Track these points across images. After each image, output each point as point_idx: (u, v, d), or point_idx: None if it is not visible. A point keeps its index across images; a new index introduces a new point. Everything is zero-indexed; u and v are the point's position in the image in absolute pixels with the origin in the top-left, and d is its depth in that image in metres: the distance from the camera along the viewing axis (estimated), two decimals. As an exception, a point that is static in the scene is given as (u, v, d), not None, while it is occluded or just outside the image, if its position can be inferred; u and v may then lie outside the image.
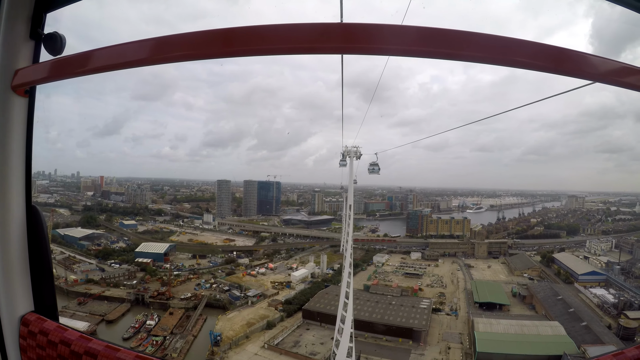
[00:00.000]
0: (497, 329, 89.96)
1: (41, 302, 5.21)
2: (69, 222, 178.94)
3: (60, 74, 4.29)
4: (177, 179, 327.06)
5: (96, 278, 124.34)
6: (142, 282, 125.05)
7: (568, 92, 12.65)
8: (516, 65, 3.12)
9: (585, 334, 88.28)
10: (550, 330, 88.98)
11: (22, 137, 4.91)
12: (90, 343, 4.53)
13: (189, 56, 3.50)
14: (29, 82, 4.59)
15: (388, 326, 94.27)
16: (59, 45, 4.59)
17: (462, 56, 3.10)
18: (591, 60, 3.28)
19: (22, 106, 4.82)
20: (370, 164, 64.22)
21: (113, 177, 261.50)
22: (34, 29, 4.64)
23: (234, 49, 3.22)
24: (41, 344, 4.71)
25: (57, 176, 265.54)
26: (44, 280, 5.21)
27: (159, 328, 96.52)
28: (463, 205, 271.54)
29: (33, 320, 4.91)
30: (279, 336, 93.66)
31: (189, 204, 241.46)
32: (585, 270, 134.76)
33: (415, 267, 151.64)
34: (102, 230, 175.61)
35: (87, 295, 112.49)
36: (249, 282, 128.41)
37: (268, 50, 3.23)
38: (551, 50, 3.11)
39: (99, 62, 3.87)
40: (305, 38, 3.13)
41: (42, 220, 5.17)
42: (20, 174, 4.96)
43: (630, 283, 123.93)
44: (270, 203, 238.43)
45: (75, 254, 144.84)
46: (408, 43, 3.06)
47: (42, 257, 5.16)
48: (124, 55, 3.71)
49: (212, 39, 3.31)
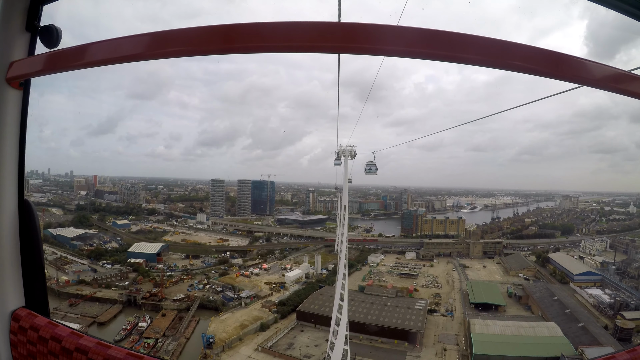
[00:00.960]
0: (493, 330, 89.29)
1: (32, 298, 5.10)
2: (61, 221, 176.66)
3: (56, 67, 4.14)
4: (171, 179, 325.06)
5: (88, 279, 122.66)
6: (134, 283, 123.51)
7: (563, 92, 12.27)
8: (513, 69, 3.06)
9: (582, 335, 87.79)
10: (547, 332, 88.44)
11: (15, 130, 4.80)
12: (82, 339, 4.42)
13: (186, 52, 3.35)
14: (24, 75, 4.48)
15: (383, 328, 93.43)
16: (55, 38, 4.49)
17: (460, 59, 3.04)
18: (587, 66, 3.25)
19: (16, 99, 4.70)
20: (367, 164, 61.59)
21: (107, 177, 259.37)
22: (30, 21, 4.52)
23: (232, 45, 3.19)
24: (32, 340, 4.62)
25: (50, 175, 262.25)
26: (36, 275, 5.11)
27: (151, 330, 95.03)
28: (457, 205, 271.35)
29: (24, 316, 4.82)
30: (273, 338, 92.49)
31: (183, 204, 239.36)
32: (581, 270, 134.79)
33: (410, 268, 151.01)
34: (95, 230, 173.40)
35: (78, 297, 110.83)
36: (242, 282, 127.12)
37: (266, 47, 3.20)
38: (548, 55, 3.10)
39: (95, 55, 3.73)
40: (303, 37, 3.07)
41: (34, 215, 5.06)
42: (13, 167, 4.86)
43: (625, 283, 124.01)
44: (264, 202, 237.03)
45: (67, 254, 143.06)
46: (406, 44, 3.03)
47: (34, 252, 5.05)
48: (120, 49, 3.61)
49: (210, 35, 3.21)
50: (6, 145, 4.69)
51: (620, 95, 3.47)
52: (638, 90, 3.43)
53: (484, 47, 2.98)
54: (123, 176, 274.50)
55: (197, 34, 3.22)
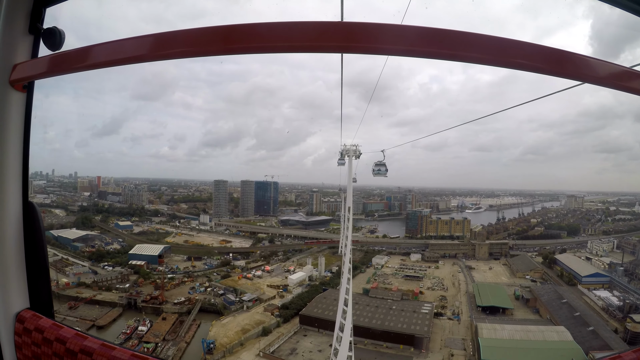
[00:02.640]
0: (501, 334, 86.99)
1: (37, 299, 5.13)
2: (64, 223, 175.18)
3: (59, 69, 4.22)
4: (175, 179, 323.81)
5: (88, 281, 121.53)
6: (135, 285, 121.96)
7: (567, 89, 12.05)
8: (516, 67, 3.14)
9: (592, 340, 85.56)
10: (556, 336, 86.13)
11: (19, 132, 4.84)
12: (86, 341, 4.47)
13: (189, 53, 3.43)
14: (27, 77, 4.52)
15: (388, 332, 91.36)
16: (58, 40, 4.51)
17: (463, 57, 3.12)
18: (591, 63, 3.30)
19: (20, 101, 4.74)
20: (375, 165, 55.42)
21: (111, 178, 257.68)
22: (33, 24, 4.55)
23: (235, 46, 3.24)
24: (36, 341, 4.65)
25: (54, 176, 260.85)
26: (40, 277, 5.14)
27: (151, 334, 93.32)
28: (462, 205, 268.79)
29: (28, 317, 4.86)
30: (275, 343, 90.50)
31: (186, 205, 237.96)
32: (588, 271, 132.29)
33: (415, 269, 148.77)
34: (97, 232, 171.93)
35: (78, 299, 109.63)
36: (244, 285, 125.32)
37: (269, 48, 3.25)
38: (552, 52, 3.14)
39: (98, 57, 3.82)
40: (306, 36, 3.13)
41: (38, 217, 5.10)
42: (17, 170, 4.90)
43: (634, 285, 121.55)
44: (267, 203, 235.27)
45: (68, 256, 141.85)
46: (409, 43, 3.08)
47: (38, 254, 5.09)
48: (123, 51, 3.67)
49: (213, 36, 3.28)
50: (10, 148, 4.71)
51: (624, 92, 3.46)
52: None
53: (487, 45, 3.00)
54: (127, 177, 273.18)
55: (200, 35, 3.24)
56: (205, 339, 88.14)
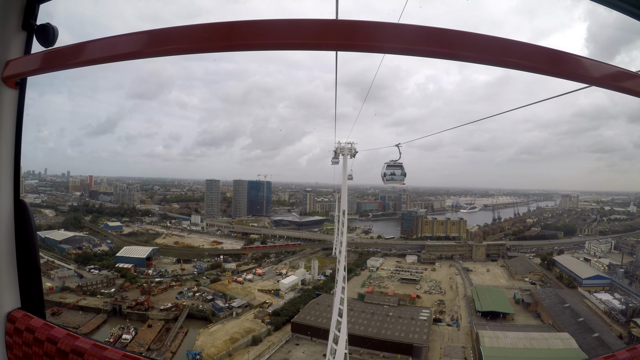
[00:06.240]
0: (504, 342, 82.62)
1: (28, 299, 5.03)
2: (52, 223, 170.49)
3: (53, 65, 4.16)
4: (168, 179, 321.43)
5: (73, 285, 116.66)
6: (120, 290, 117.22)
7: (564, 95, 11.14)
8: (512, 66, 3.18)
9: (598, 347, 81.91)
10: (561, 344, 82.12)
11: (11, 129, 4.77)
12: (77, 341, 4.39)
13: (185, 49, 3.46)
14: (20, 74, 4.49)
15: (385, 341, 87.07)
16: (52, 36, 4.45)
17: (460, 56, 3.15)
18: (587, 64, 3.34)
19: (12, 98, 4.68)
20: (386, 166, 43.89)
21: (104, 177, 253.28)
22: (27, 20, 4.49)
23: (232, 43, 3.25)
24: (27, 342, 4.59)
25: (47, 175, 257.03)
26: (31, 276, 5.06)
27: (135, 343, 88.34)
28: (456, 204, 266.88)
29: (19, 317, 4.77)
30: (266, 353, 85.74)
31: (179, 204, 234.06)
32: (588, 273, 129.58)
33: (412, 272, 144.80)
34: (86, 233, 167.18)
35: (61, 305, 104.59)
36: (234, 290, 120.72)
37: (264, 45, 3.24)
38: (549, 52, 3.19)
39: (92, 53, 3.79)
40: (302, 34, 3.14)
41: (30, 216, 5.01)
42: (8, 167, 4.82)
43: (635, 287, 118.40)
44: (260, 203, 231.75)
45: (54, 259, 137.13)
46: (405, 41, 3.11)
47: (29, 253, 5.00)
48: (118, 47, 3.64)
49: (209, 33, 3.28)
50: (1, 145, 4.63)
51: (618, 92, 3.53)
52: (635, 88, 3.48)
53: (483, 44, 3.03)
54: (121, 176, 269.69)
55: (196, 32, 3.23)
56: (191, 351, 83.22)
